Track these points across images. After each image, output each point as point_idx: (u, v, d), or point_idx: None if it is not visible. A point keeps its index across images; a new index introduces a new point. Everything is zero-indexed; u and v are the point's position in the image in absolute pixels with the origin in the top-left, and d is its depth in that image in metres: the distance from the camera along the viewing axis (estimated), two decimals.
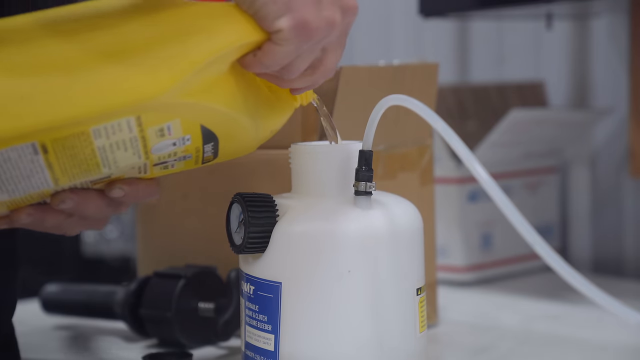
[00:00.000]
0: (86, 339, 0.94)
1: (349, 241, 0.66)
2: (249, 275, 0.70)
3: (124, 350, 0.91)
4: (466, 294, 1.16)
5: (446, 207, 1.19)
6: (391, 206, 0.69)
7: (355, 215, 0.67)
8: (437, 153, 1.18)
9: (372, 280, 0.67)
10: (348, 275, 0.66)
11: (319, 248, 0.66)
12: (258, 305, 0.69)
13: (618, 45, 1.29)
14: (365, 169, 0.68)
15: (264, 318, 0.68)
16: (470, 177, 1.19)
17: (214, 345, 0.89)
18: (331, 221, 0.67)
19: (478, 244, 1.22)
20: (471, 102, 1.29)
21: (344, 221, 0.67)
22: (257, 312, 0.69)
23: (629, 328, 0.91)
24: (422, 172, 0.96)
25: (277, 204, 0.69)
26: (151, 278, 0.90)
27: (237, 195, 0.69)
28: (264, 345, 0.68)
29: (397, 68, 0.94)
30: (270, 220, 0.68)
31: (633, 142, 1.18)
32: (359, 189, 0.68)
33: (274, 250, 0.68)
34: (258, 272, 0.69)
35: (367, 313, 0.67)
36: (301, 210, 0.68)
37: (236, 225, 0.70)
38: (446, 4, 1.22)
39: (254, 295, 0.69)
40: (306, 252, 0.67)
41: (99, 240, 2.58)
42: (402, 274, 0.69)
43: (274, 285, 0.68)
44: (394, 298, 0.68)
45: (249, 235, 0.67)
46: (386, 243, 0.67)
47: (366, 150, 0.68)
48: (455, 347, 0.91)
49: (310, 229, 0.67)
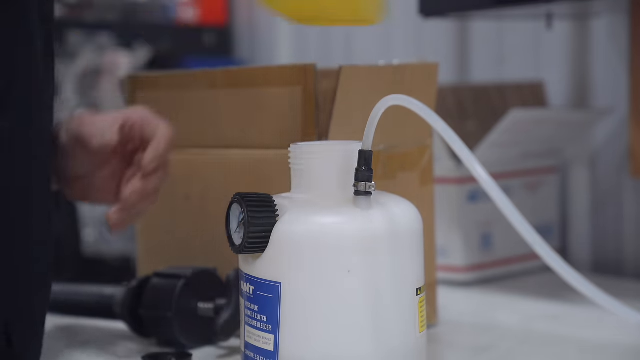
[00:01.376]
0: (86, 339, 0.94)
1: (349, 241, 0.67)
2: (248, 275, 0.70)
3: (124, 350, 0.90)
4: (466, 294, 1.16)
5: (446, 207, 1.19)
6: (391, 206, 0.69)
7: (355, 215, 0.67)
8: (437, 153, 1.18)
9: (372, 281, 0.67)
10: (348, 276, 0.66)
11: (319, 248, 0.67)
12: (258, 305, 0.69)
13: (618, 45, 1.29)
14: (365, 169, 0.68)
15: (264, 318, 0.68)
16: (470, 177, 1.19)
17: (213, 345, 0.89)
18: (331, 221, 0.67)
19: (478, 244, 1.22)
20: (471, 102, 1.29)
21: (343, 221, 0.67)
22: (257, 312, 0.69)
23: (629, 328, 0.91)
24: (422, 172, 0.96)
25: (276, 204, 0.69)
26: (151, 278, 0.90)
27: (236, 195, 0.69)
28: (264, 345, 0.68)
29: (397, 68, 0.94)
30: (270, 220, 0.68)
31: (633, 142, 1.18)
32: (359, 189, 0.68)
33: (274, 250, 0.68)
34: (257, 272, 0.69)
35: (366, 313, 0.67)
36: (301, 210, 0.68)
37: (236, 225, 0.70)
38: (446, 4, 1.22)
39: (253, 295, 0.69)
40: (306, 252, 0.67)
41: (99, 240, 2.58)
42: (402, 274, 0.69)
43: (274, 285, 0.68)
44: (393, 298, 0.68)
45: (249, 235, 0.67)
46: (386, 243, 0.67)
47: (366, 150, 0.68)
48: (455, 347, 0.91)
49: (310, 229, 0.67)
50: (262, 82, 0.91)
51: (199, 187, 0.97)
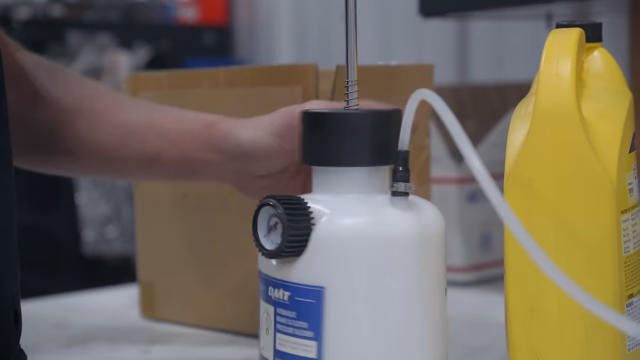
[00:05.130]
0: (86, 339, 0.94)
1: (394, 242, 0.65)
2: (282, 281, 0.66)
3: (124, 350, 0.91)
4: (466, 294, 1.16)
5: (446, 207, 1.19)
6: (422, 207, 0.68)
7: (396, 216, 0.66)
8: (438, 153, 1.18)
9: (417, 282, 0.66)
10: (393, 277, 0.65)
11: (364, 250, 0.65)
12: (296, 312, 0.66)
13: (618, 45, 1.29)
14: (402, 169, 0.67)
15: (304, 324, 0.65)
16: (470, 177, 1.19)
17: None
18: (375, 222, 0.65)
19: (478, 244, 1.22)
20: (470, 102, 1.29)
21: (387, 222, 0.65)
22: (295, 319, 0.66)
23: None
24: (419, 171, 0.96)
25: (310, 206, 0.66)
26: None
27: (269, 199, 0.66)
28: (304, 353, 0.66)
29: (393, 68, 0.94)
30: (307, 222, 0.65)
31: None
32: (398, 189, 0.67)
33: (315, 254, 0.65)
34: (296, 278, 0.66)
35: (414, 314, 0.66)
36: (340, 211, 0.66)
37: (265, 229, 0.67)
38: (446, 4, 1.22)
39: (289, 301, 0.66)
40: (350, 254, 0.65)
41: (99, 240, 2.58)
42: (436, 275, 0.68)
43: (316, 290, 0.65)
44: (434, 299, 0.67)
45: (289, 239, 0.64)
46: (425, 244, 0.67)
47: (403, 151, 0.68)
48: (455, 347, 0.91)
49: (354, 230, 0.65)
50: (263, 81, 0.91)
51: (198, 185, 0.97)
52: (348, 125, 0.67)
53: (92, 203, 2.54)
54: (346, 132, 0.67)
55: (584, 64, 0.70)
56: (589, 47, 0.70)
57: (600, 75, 0.70)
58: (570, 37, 0.65)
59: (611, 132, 0.65)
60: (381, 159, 0.68)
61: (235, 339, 0.92)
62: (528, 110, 0.68)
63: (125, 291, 1.16)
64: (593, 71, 0.70)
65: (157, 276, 1.02)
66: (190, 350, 0.90)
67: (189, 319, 0.99)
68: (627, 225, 0.65)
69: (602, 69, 0.70)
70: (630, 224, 0.65)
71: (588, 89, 0.68)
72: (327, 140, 0.67)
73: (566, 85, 0.64)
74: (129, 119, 0.85)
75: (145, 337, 0.96)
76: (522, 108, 0.70)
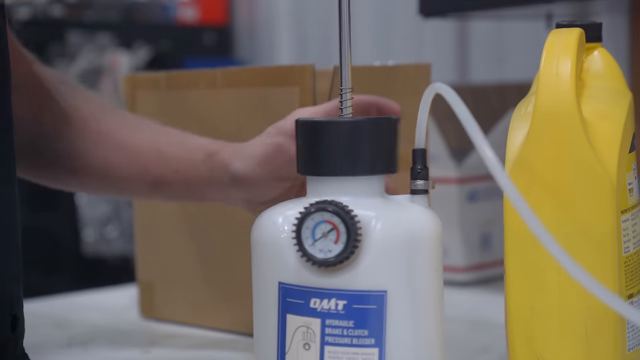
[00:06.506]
0: (86, 339, 0.94)
1: (436, 239, 0.65)
2: (333, 290, 0.64)
3: (124, 350, 0.91)
4: (466, 294, 1.16)
5: (446, 207, 1.19)
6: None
7: (426, 214, 0.66)
8: (438, 153, 1.18)
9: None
10: (436, 274, 0.66)
11: (417, 250, 0.64)
12: (353, 321, 0.63)
13: (618, 45, 1.29)
14: (421, 167, 0.67)
15: (364, 332, 0.63)
16: (470, 177, 1.20)
17: None
18: (421, 221, 0.65)
19: (478, 244, 1.22)
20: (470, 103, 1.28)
21: (423, 220, 0.65)
22: (352, 328, 0.63)
23: None
24: None
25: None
26: None
27: (325, 204, 0.63)
28: None
29: (391, 68, 0.94)
30: (359, 228, 0.63)
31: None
32: (418, 187, 0.67)
33: (372, 258, 0.63)
34: (352, 284, 0.63)
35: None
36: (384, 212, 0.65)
37: (311, 238, 0.64)
38: (446, 4, 1.22)
39: (345, 310, 0.63)
40: (405, 255, 0.64)
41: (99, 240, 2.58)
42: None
43: (378, 295, 0.63)
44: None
45: (354, 245, 0.62)
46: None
47: (420, 149, 0.68)
48: (455, 347, 0.91)
49: (409, 230, 0.64)
50: (260, 82, 0.91)
51: None
52: (348, 133, 0.66)
53: (92, 203, 2.55)
54: (354, 139, 0.66)
55: (584, 64, 0.70)
56: (589, 47, 0.70)
57: (600, 75, 0.70)
58: (570, 37, 0.65)
59: (611, 132, 0.65)
60: (388, 168, 0.68)
61: (235, 339, 0.92)
62: (528, 110, 0.68)
63: (125, 291, 1.16)
64: (593, 71, 0.70)
65: (157, 276, 1.02)
66: (190, 350, 0.90)
67: (189, 319, 0.99)
68: (627, 225, 0.65)
69: (602, 69, 0.70)
70: (630, 224, 0.65)
71: (588, 89, 0.68)
72: (331, 148, 0.66)
73: (566, 85, 0.64)
74: (133, 141, 0.86)
75: (145, 337, 0.96)
76: (522, 108, 0.70)
